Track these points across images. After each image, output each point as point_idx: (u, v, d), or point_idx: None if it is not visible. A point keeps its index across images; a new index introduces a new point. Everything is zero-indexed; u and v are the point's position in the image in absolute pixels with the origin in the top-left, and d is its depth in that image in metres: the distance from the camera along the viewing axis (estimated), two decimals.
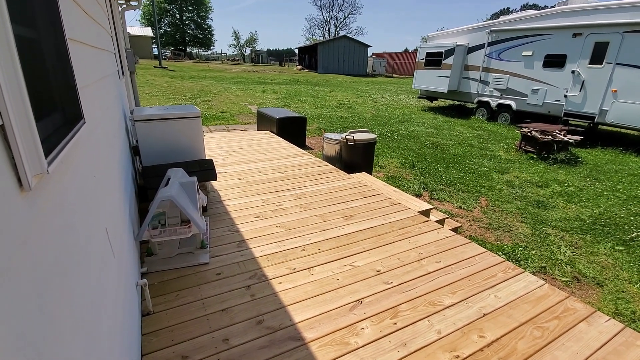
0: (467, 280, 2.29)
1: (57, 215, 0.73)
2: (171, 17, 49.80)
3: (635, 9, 7.49)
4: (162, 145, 3.16)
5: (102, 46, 2.12)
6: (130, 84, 5.45)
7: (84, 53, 1.40)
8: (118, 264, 1.36)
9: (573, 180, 5.81)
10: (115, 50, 3.60)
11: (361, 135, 5.10)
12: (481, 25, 11.28)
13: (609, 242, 3.81)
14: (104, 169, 1.42)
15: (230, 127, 8.62)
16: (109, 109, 1.95)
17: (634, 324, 2.60)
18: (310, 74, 31.74)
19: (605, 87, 8.11)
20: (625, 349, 1.76)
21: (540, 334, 1.85)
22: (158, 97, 12.40)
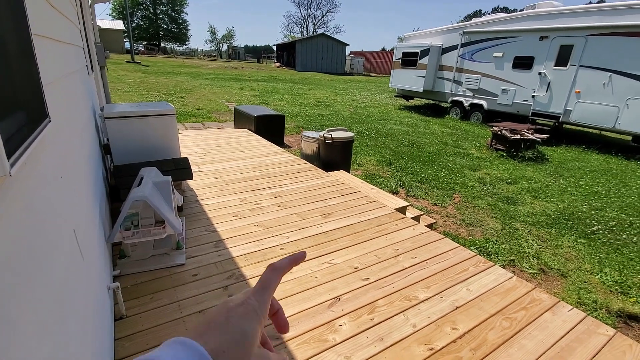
0: (441, 274, 2.37)
1: (20, 219, 0.70)
2: (144, 10, 48.04)
3: (598, 13, 7.94)
4: (135, 143, 3.07)
5: (69, 40, 2.03)
6: (101, 79, 5.23)
7: (49, 48, 1.34)
8: (87, 267, 1.31)
9: (540, 177, 6.11)
10: (84, 45, 3.44)
11: (339, 134, 5.14)
12: (454, 26, 11.60)
13: (572, 235, 4.04)
14: (72, 169, 1.36)
15: (207, 125, 8.44)
16: (76, 106, 1.87)
17: (595, 313, 2.77)
18: (288, 71, 31.56)
19: (570, 88, 8.57)
20: (587, 337, 1.88)
21: (509, 324, 1.94)
22: (130, 93, 11.96)
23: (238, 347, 0.30)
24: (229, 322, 0.31)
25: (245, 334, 0.31)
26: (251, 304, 0.33)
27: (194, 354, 0.27)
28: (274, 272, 0.35)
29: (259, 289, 0.34)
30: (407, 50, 12.61)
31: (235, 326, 0.31)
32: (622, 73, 7.66)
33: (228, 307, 0.32)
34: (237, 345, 0.30)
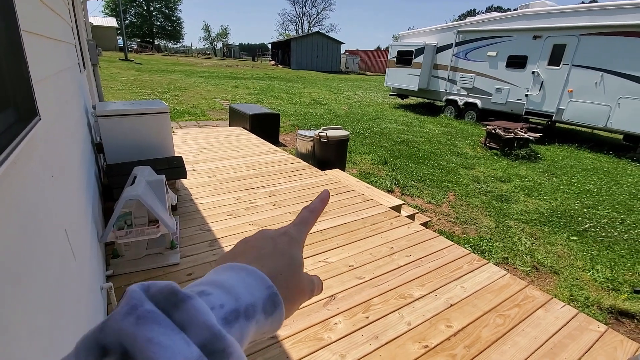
0: (435, 272, 2.39)
1: (9, 219, 0.69)
2: (137, 7, 47.54)
3: (590, 13, 8.02)
4: (128, 142, 3.03)
5: (60, 37, 2.00)
6: (93, 77, 5.17)
7: (39, 45, 1.32)
8: (80, 267, 1.30)
9: (533, 175, 6.16)
10: (76, 42, 3.39)
11: (334, 132, 5.14)
12: (449, 25, 11.65)
13: (565, 233, 4.08)
14: (63, 168, 1.34)
15: (202, 124, 8.39)
16: (68, 104, 1.84)
17: (587, 309, 2.81)
18: (283, 69, 31.47)
19: (562, 87, 8.65)
20: (579, 333, 1.91)
21: (502, 321, 1.96)
22: (123, 91, 11.84)
23: (291, 270, 0.32)
24: (277, 248, 0.33)
25: (294, 258, 0.33)
26: (292, 233, 0.35)
27: (258, 278, 0.28)
28: (310, 212, 0.38)
29: (297, 223, 0.37)
30: (402, 49, 12.63)
31: (284, 251, 0.33)
32: (613, 72, 7.75)
33: (271, 236, 0.35)
34: (290, 268, 0.32)
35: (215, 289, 0.25)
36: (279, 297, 0.28)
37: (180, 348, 0.20)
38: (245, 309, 0.26)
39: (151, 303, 0.21)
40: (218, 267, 0.30)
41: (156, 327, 0.20)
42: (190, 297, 0.22)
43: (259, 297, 0.27)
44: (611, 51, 7.70)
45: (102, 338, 0.20)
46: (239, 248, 0.34)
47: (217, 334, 0.21)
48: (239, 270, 0.29)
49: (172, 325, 0.21)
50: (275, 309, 0.28)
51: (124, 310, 0.21)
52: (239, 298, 0.26)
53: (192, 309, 0.22)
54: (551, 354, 1.75)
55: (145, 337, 0.19)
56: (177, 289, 0.23)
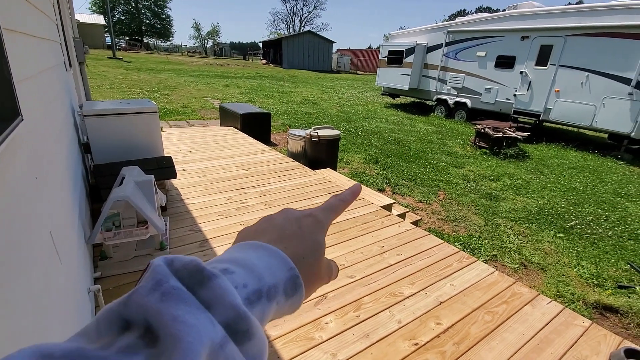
0: (425, 270, 2.41)
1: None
2: (125, 4, 46.78)
3: (577, 14, 8.17)
4: (116, 142, 2.99)
5: (44, 35, 1.95)
6: (80, 75, 5.07)
7: (22, 43, 1.29)
8: (66, 270, 1.28)
9: (521, 173, 6.26)
10: (61, 40, 3.33)
11: (326, 132, 5.14)
12: (439, 25, 11.75)
13: (552, 230, 4.16)
14: (48, 169, 1.32)
15: (192, 123, 8.31)
16: (53, 104, 1.81)
17: (573, 305, 2.87)
18: (275, 68, 31.34)
19: (550, 87, 8.80)
20: (564, 328, 1.95)
21: (491, 318, 1.99)
22: (112, 90, 11.65)
23: (313, 254, 0.32)
24: (302, 230, 0.32)
25: (318, 243, 0.33)
26: (319, 216, 0.34)
27: (280, 259, 0.28)
28: (339, 201, 0.37)
29: (324, 208, 0.36)
30: (393, 48, 12.70)
31: (309, 234, 0.32)
32: (598, 73, 7.92)
33: (296, 216, 0.34)
34: (313, 253, 0.32)
35: (238, 268, 0.25)
36: (300, 280, 0.28)
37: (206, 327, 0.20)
38: (267, 290, 0.26)
39: (176, 279, 0.21)
40: (239, 244, 0.30)
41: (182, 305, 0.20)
42: (215, 276, 0.22)
43: (280, 278, 0.27)
44: (596, 52, 7.87)
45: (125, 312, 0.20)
46: (262, 225, 0.33)
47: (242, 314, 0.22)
48: (261, 249, 0.28)
49: (198, 303, 0.20)
50: (296, 291, 0.28)
51: (149, 285, 0.20)
52: (261, 278, 0.26)
53: (218, 288, 0.22)
54: (538, 349, 1.79)
55: (170, 314, 0.19)
56: (203, 265, 0.23)
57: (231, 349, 0.20)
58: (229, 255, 0.28)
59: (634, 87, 7.34)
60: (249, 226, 0.34)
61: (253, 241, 0.30)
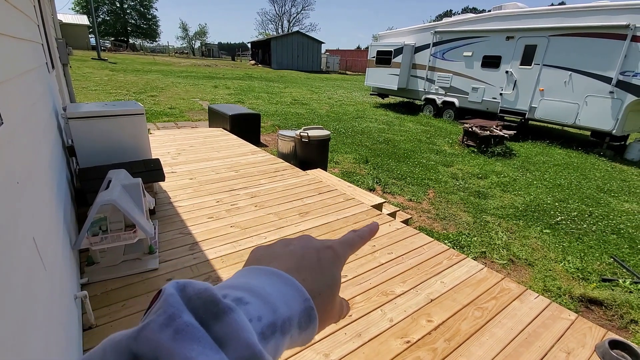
0: (416, 269, 2.43)
1: None
2: (110, 4, 45.93)
3: (559, 14, 8.36)
4: (102, 144, 2.93)
5: (24, 36, 1.90)
6: (63, 77, 4.96)
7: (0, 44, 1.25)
8: (51, 277, 1.25)
9: (508, 171, 6.38)
10: (43, 41, 3.25)
11: (315, 132, 5.14)
12: (426, 26, 11.87)
13: (538, 226, 4.25)
14: (30, 174, 1.28)
15: (180, 125, 8.21)
16: (34, 107, 1.76)
17: (559, 299, 2.94)
18: (264, 69, 31.21)
19: (534, 86, 8.99)
20: (552, 322, 1.99)
21: (481, 314, 2.02)
22: (97, 91, 11.42)
23: (330, 291, 0.30)
24: (321, 264, 0.31)
25: (335, 279, 0.31)
26: (338, 250, 0.33)
27: (298, 292, 0.27)
28: (357, 237, 0.35)
29: (342, 242, 0.34)
30: (382, 49, 12.78)
31: (327, 269, 0.31)
32: (581, 72, 8.11)
33: (316, 247, 0.32)
34: (329, 289, 0.30)
35: (252, 298, 0.25)
36: (315, 312, 0.27)
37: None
38: (282, 323, 0.25)
39: (189, 313, 0.21)
40: (252, 267, 0.28)
41: (195, 346, 0.19)
42: (232, 310, 0.22)
43: (295, 310, 0.26)
44: (578, 51, 8.07)
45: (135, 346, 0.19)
46: (278, 250, 0.32)
47: (258, 354, 0.21)
48: (276, 277, 0.27)
49: (212, 342, 0.20)
50: (310, 323, 0.27)
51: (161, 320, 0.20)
52: (276, 310, 0.25)
53: (234, 323, 0.21)
54: (526, 343, 1.82)
55: (183, 355, 0.18)
56: (218, 297, 0.22)
57: None
58: (243, 280, 0.26)
59: (614, 85, 7.55)
60: (263, 246, 0.32)
61: (269, 267, 0.28)
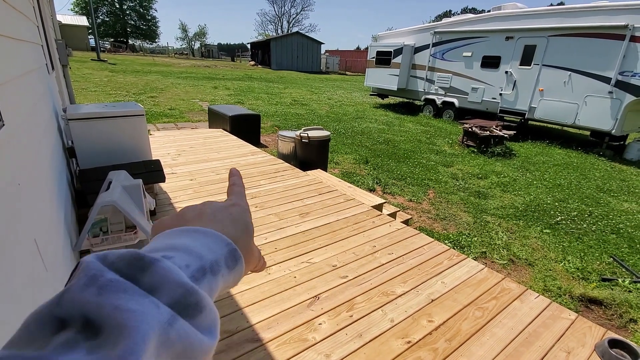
0: (416, 269, 2.43)
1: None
2: (109, 5, 45.93)
3: (558, 15, 8.37)
4: (102, 146, 2.93)
5: (24, 37, 1.91)
6: (63, 78, 4.96)
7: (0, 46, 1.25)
8: (52, 278, 1.25)
9: (508, 171, 6.38)
10: (43, 42, 3.25)
11: (315, 133, 5.14)
12: (426, 26, 11.88)
13: (538, 226, 4.25)
14: (31, 175, 1.28)
15: (180, 125, 8.21)
16: (34, 108, 1.76)
17: (559, 299, 2.94)
18: (263, 70, 31.22)
19: (534, 86, 8.99)
20: (552, 322, 1.99)
21: (481, 314, 2.02)
22: (97, 92, 11.43)
23: (246, 237, 0.34)
24: (233, 217, 0.34)
25: (248, 226, 0.35)
26: (242, 204, 0.37)
27: (219, 239, 0.29)
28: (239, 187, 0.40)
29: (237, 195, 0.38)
30: (381, 49, 12.79)
31: (240, 219, 0.34)
32: (580, 72, 8.12)
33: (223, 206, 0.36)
34: (245, 235, 0.34)
35: (175, 252, 0.26)
36: (239, 252, 0.30)
37: (150, 311, 0.20)
38: (210, 266, 0.26)
39: (113, 272, 0.21)
40: (168, 232, 0.30)
41: (122, 295, 0.20)
42: (157, 260, 0.22)
43: (220, 253, 0.28)
44: (578, 52, 8.08)
45: (58, 311, 0.19)
46: (189, 214, 0.33)
47: (190, 289, 0.22)
48: (194, 233, 0.29)
49: (140, 290, 0.20)
50: (237, 263, 0.29)
51: (82, 282, 0.20)
52: (202, 257, 0.26)
53: (161, 270, 0.22)
54: (527, 343, 1.82)
55: (112, 304, 0.19)
56: (141, 253, 0.23)
57: (181, 325, 0.21)
58: (161, 243, 0.27)
59: (613, 85, 7.56)
60: (165, 218, 0.33)
61: (185, 227, 0.30)
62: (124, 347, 0.17)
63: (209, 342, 0.22)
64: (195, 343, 0.21)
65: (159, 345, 0.19)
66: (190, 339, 0.21)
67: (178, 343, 0.20)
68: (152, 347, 0.19)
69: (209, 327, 0.23)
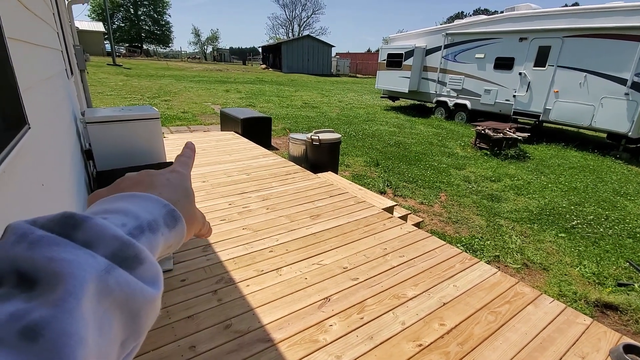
0: (428, 272, 2.41)
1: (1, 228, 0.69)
2: (125, 11, 47.09)
3: (573, 15, 8.22)
4: (118, 148, 3.01)
5: (46, 43, 1.98)
6: (81, 83, 5.11)
7: (25, 52, 1.31)
8: None
9: (522, 174, 6.27)
10: (62, 47, 3.36)
11: (326, 135, 5.16)
12: (438, 28, 11.81)
13: (553, 230, 4.17)
14: (53, 176, 1.33)
15: (193, 128, 8.35)
16: (57, 111, 1.83)
17: (575, 304, 2.87)
18: (274, 73, 31.48)
19: (548, 88, 8.83)
20: (567, 327, 1.95)
21: (494, 318, 1.99)
22: (112, 96, 11.71)
23: (186, 200, 0.33)
24: (171, 182, 0.34)
25: (188, 190, 0.35)
26: (181, 170, 0.37)
27: (156, 201, 0.29)
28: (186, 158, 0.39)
29: (181, 164, 0.38)
30: (392, 51, 12.76)
31: (178, 184, 0.34)
32: (596, 73, 7.94)
33: (160, 172, 0.35)
34: (185, 198, 0.34)
35: (112, 214, 0.25)
36: (178, 212, 0.30)
37: (86, 260, 0.20)
38: (148, 224, 0.26)
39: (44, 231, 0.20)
40: (106, 198, 0.29)
41: (55, 247, 0.19)
42: (90, 217, 0.22)
43: (158, 214, 0.28)
44: (593, 53, 7.90)
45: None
46: (125, 183, 0.33)
47: (127, 241, 0.22)
48: (130, 197, 0.28)
49: (73, 244, 0.20)
50: (177, 222, 0.29)
51: (11, 239, 0.19)
52: (138, 217, 0.26)
53: (95, 226, 0.22)
54: (541, 348, 1.79)
55: (44, 257, 0.19)
56: (73, 212, 0.22)
57: (120, 274, 0.21)
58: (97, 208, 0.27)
59: (629, 87, 7.37)
60: (101, 190, 0.32)
61: (122, 192, 0.29)
62: (63, 291, 0.18)
63: (152, 292, 0.22)
64: (137, 291, 0.21)
65: (98, 292, 0.19)
66: (131, 287, 0.21)
67: (118, 290, 0.20)
68: (90, 293, 0.19)
69: (152, 279, 0.23)
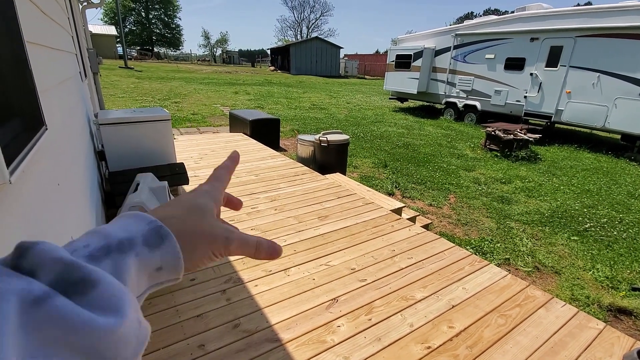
0: (437, 274, 2.40)
1: (19, 227, 0.71)
2: (136, 15, 47.91)
3: (585, 15, 8.08)
4: (130, 149, 3.07)
5: (62, 47, 2.03)
6: (94, 85, 5.22)
7: (43, 55, 1.35)
8: None
9: (533, 176, 6.18)
10: (77, 51, 3.44)
11: (334, 137, 5.17)
12: (447, 29, 11.72)
13: (566, 233, 4.09)
14: (68, 176, 1.37)
15: (202, 130, 8.44)
16: (71, 113, 1.88)
17: (587, 308, 2.82)
18: (283, 75, 31.63)
19: (560, 88, 8.69)
20: (579, 331, 1.92)
21: (504, 321, 1.97)
22: (124, 99, 11.91)
23: (190, 214, 0.32)
24: (180, 199, 0.33)
25: (197, 204, 0.33)
26: (203, 187, 0.36)
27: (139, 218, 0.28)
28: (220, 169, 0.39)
29: (210, 180, 0.38)
30: (401, 52, 12.71)
31: (186, 200, 0.33)
32: (609, 73, 7.79)
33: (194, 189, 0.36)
34: (190, 212, 0.32)
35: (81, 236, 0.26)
36: (165, 229, 0.28)
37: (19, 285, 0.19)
38: (117, 244, 0.25)
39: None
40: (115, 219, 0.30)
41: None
42: (35, 243, 0.22)
43: (135, 231, 0.27)
44: (607, 53, 7.75)
45: None
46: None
47: (70, 263, 0.21)
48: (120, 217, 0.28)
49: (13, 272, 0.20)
50: (162, 240, 0.27)
51: None
52: (109, 236, 0.26)
53: (40, 251, 0.21)
54: (552, 353, 1.76)
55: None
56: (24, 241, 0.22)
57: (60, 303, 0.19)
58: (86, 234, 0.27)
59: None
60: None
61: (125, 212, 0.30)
62: None
63: (105, 323, 0.20)
64: (77, 324, 0.19)
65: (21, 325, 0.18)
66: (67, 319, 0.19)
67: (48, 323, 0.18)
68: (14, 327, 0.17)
69: (109, 305, 0.21)
